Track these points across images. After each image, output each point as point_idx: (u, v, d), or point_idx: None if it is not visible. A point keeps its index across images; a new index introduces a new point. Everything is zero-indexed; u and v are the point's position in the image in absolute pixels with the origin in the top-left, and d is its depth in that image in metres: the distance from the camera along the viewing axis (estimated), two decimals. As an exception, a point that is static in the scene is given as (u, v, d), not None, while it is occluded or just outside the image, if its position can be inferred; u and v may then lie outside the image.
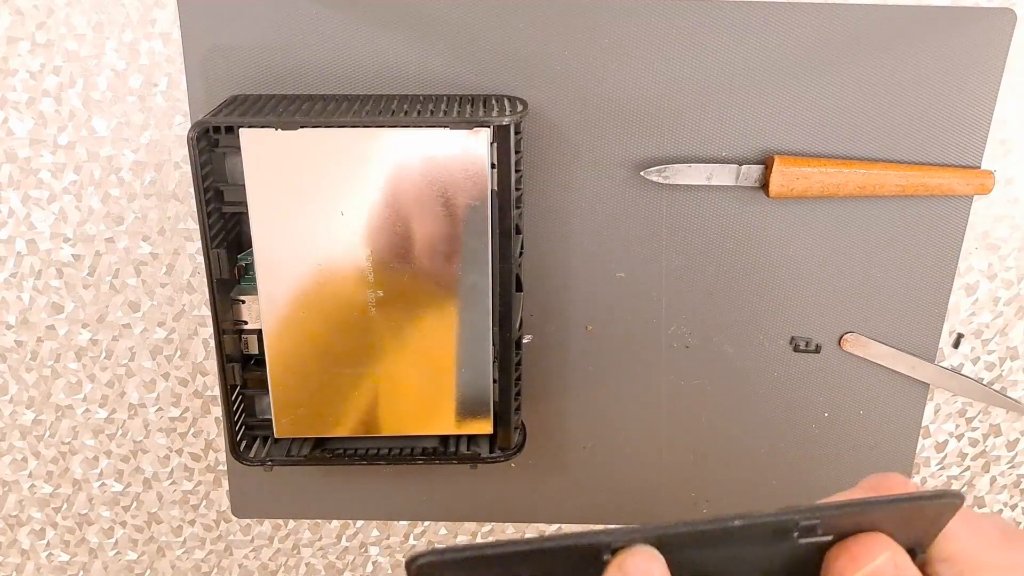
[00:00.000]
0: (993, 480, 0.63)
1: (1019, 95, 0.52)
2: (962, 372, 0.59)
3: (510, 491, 0.62)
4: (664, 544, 0.24)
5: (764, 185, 0.53)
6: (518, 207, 0.50)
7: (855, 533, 0.25)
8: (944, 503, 0.25)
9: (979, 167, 0.53)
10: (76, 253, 0.56)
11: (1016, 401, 0.59)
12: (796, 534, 0.24)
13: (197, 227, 0.49)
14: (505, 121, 0.46)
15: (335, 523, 0.64)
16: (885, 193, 0.52)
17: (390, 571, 0.66)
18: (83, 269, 0.56)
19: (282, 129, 0.46)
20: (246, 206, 0.47)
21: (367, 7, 0.50)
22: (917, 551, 0.26)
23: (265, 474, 0.61)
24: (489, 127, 0.46)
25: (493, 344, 0.51)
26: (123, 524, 0.64)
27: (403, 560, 0.24)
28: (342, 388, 0.51)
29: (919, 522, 0.25)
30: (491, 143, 0.47)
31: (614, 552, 0.23)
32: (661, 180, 0.53)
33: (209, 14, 0.50)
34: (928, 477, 0.63)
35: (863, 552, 0.24)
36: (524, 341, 0.55)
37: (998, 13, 0.50)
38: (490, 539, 0.23)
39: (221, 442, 0.61)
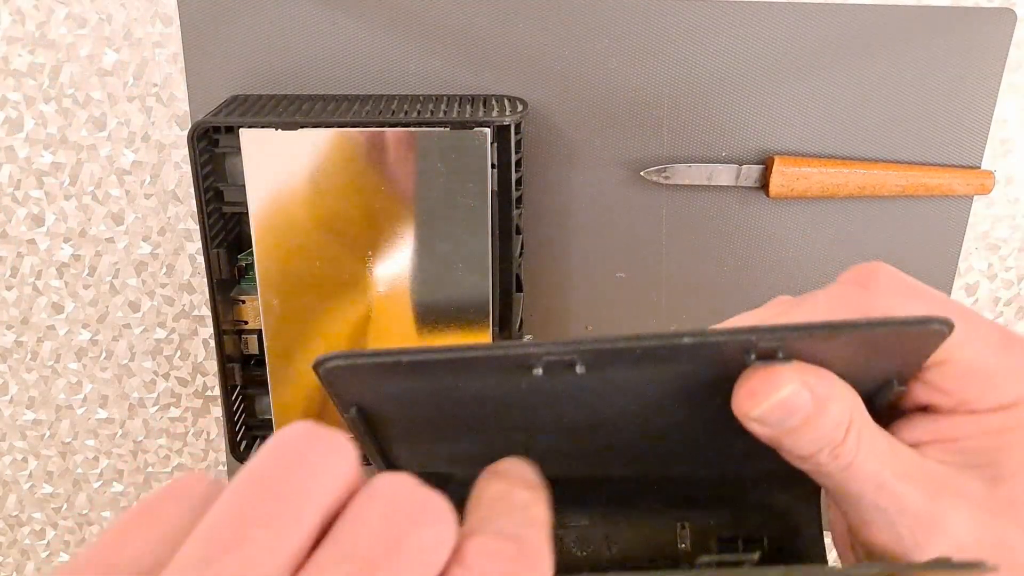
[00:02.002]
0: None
1: (1019, 95, 0.52)
2: (962, 372, 0.59)
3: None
4: (598, 361, 0.21)
5: (764, 185, 0.53)
6: (518, 207, 0.50)
7: (820, 359, 0.22)
8: (930, 330, 0.21)
9: (979, 167, 0.53)
10: (76, 253, 0.56)
11: (1016, 401, 0.59)
12: (753, 357, 0.21)
13: (197, 227, 0.49)
14: (505, 121, 0.46)
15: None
16: (885, 193, 0.52)
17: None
18: (83, 269, 0.56)
19: (282, 129, 0.46)
20: (246, 206, 0.47)
21: (367, 7, 0.50)
22: (894, 383, 0.23)
23: (265, 474, 0.60)
24: (489, 127, 0.46)
25: (493, 344, 0.51)
26: (123, 524, 0.64)
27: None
28: (342, 388, 0.51)
29: (899, 350, 0.22)
30: (491, 143, 0.47)
31: (546, 364, 0.21)
32: (661, 180, 0.53)
33: (209, 14, 0.50)
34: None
35: (763, 385, 0.21)
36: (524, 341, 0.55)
37: (998, 13, 0.50)
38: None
39: (221, 442, 0.61)
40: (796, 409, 0.21)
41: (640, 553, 0.24)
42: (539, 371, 0.21)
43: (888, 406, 0.24)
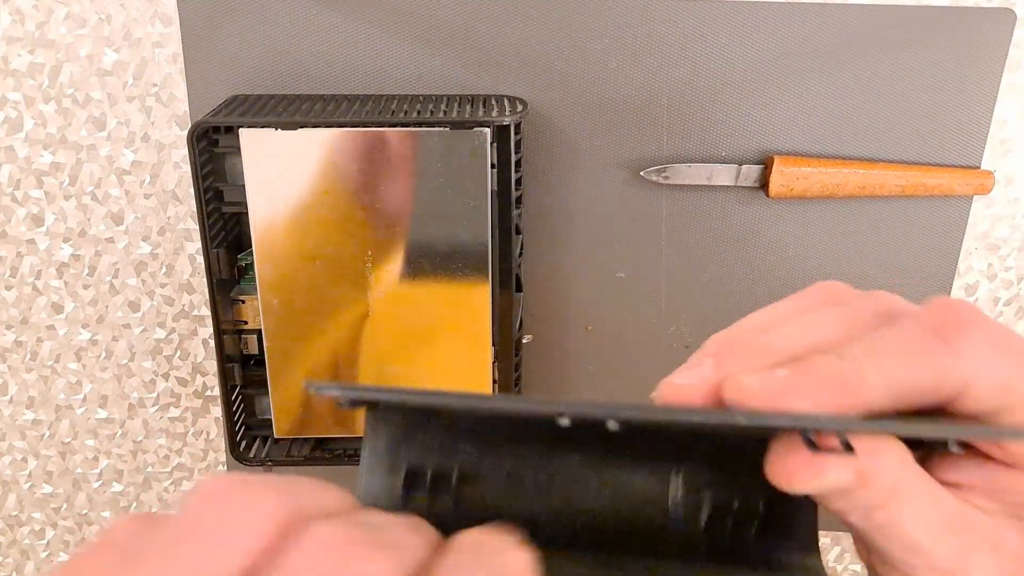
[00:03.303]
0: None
1: (1019, 95, 0.52)
2: (962, 372, 0.59)
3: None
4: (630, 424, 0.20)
5: (764, 185, 0.53)
6: (518, 207, 0.50)
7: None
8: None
9: (979, 167, 0.53)
10: (76, 253, 0.56)
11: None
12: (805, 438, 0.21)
13: (197, 227, 0.49)
14: (505, 121, 0.46)
15: (335, 523, 0.64)
16: (885, 193, 0.52)
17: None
18: (83, 269, 0.56)
19: (282, 129, 0.46)
20: (246, 206, 0.47)
21: (367, 7, 0.50)
22: (952, 446, 0.22)
23: (265, 474, 0.61)
24: (489, 127, 0.46)
25: (493, 344, 0.51)
26: (123, 524, 0.64)
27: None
28: (342, 388, 0.51)
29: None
30: (491, 143, 0.47)
31: (572, 420, 0.19)
32: (661, 180, 0.53)
33: (209, 14, 0.50)
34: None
35: (807, 470, 0.21)
36: (524, 341, 0.55)
37: (998, 13, 0.50)
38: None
39: (221, 442, 0.61)
40: (837, 487, 0.21)
41: (632, 499, 0.24)
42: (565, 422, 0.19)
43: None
